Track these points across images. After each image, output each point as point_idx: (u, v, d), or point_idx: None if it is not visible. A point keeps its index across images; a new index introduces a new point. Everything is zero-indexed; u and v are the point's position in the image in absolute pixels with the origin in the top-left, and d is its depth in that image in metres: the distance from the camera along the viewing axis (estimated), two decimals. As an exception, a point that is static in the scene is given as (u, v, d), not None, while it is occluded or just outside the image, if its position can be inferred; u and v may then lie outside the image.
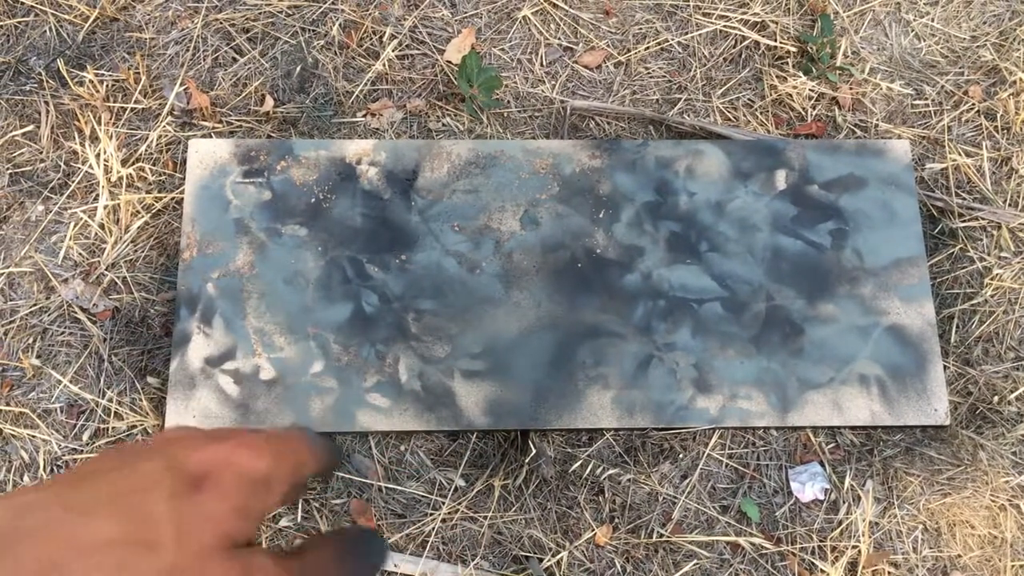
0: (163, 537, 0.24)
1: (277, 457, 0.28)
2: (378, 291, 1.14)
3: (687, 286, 1.15)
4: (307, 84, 1.29)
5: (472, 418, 1.09)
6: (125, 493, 0.24)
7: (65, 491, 0.24)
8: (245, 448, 0.28)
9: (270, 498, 0.28)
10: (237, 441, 0.28)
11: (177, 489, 0.25)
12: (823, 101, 1.30)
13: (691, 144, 1.22)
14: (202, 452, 0.27)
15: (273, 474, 0.28)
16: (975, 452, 1.15)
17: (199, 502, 0.25)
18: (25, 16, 1.32)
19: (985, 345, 1.19)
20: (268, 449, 0.28)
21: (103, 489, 0.25)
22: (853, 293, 1.16)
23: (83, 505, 0.24)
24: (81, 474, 0.25)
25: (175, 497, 0.25)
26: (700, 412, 1.10)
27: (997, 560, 1.11)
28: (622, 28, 1.34)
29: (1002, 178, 1.28)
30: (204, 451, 0.27)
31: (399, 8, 1.34)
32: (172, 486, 0.25)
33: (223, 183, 1.18)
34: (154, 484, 0.25)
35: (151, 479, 0.25)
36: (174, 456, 0.26)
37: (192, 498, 0.25)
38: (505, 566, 1.08)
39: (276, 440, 0.29)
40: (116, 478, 0.25)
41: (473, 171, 1.20)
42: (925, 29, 1.36)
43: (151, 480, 0.25)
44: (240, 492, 0.26)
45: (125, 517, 0.24)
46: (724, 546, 1.10)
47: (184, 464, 0.26)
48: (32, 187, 1.23)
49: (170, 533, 0.24)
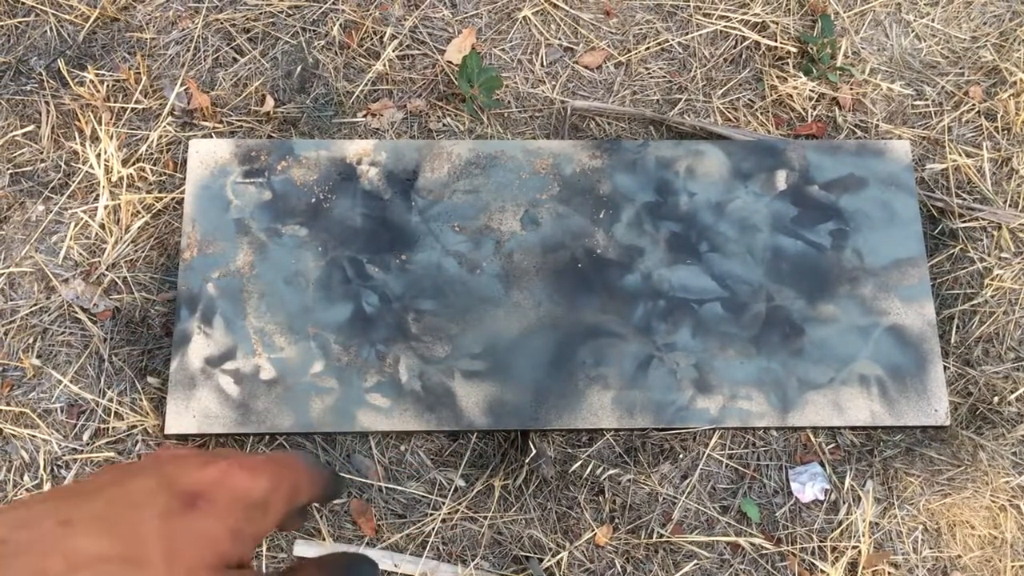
0: (153, 555, 0.24)
1: (274, 480, 0.28)
2: (378, 291, 1.14)
3: (687, 286, 1.15)
4: (308, 84, 1.29)
5: (472, 418, 1.09)
6: (118, 510, 0.25)
7: (60, 505, 0.25)
8: (241, 469, 0.27)
9: (265, 521, 0.28)
10: (233, 461, 0.28)
11: (171, 507, 0.25)
12: (823, 101, 1.30)
13: (691, 144, 1.22)
14: (198, 472, 0.27)
15: (269, 497, 0.28)
16: (975, 452, 1.15)
17: (191, 520, 0.25)
18: (26, 16, 1.32)
19: (985, 346, 1.19)
20: (265, 472, 0.28)
21: (97, 505, 0.25)
22: (853, 293, 1.16)
23: (76, 520, 0.24)
24: (77, 489, 0.26)
25: (168, 515, 0.25)
26: (700, 412, 1.10)
27: (997, 560, 1.11)
28: (622, 28, 1.34)
29: (1002, 179, 1.28)
30: (200, 471, 0.27)
31: (399, 8, 1.34)
32: (166, 504, 0.25)
33: (223, 183, 1.18)
34: (147, 502, 0.25)
35: (145, 496, 0.25)
36: (169, 474, 0.26)
37: (185, 517, 0.25)
38: (505, 566, 1.08)
39: (274, 463, 0.29)
40: (111, 494, 0.25)
41: (473, 171, 1.20)
42: (925, 30, 1.36)
43: (144, 497, 0.25)
44: (233, 513, 0.26)
45: (116, 533, 0.24)
46: (724, 546, 1.10)
47: (178, 482, 0.26)
48: (33, 187, 1.23)
49: (160, 551, 0.24)
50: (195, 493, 0.26)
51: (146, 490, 0.26)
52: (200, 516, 0.26)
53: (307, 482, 0.30)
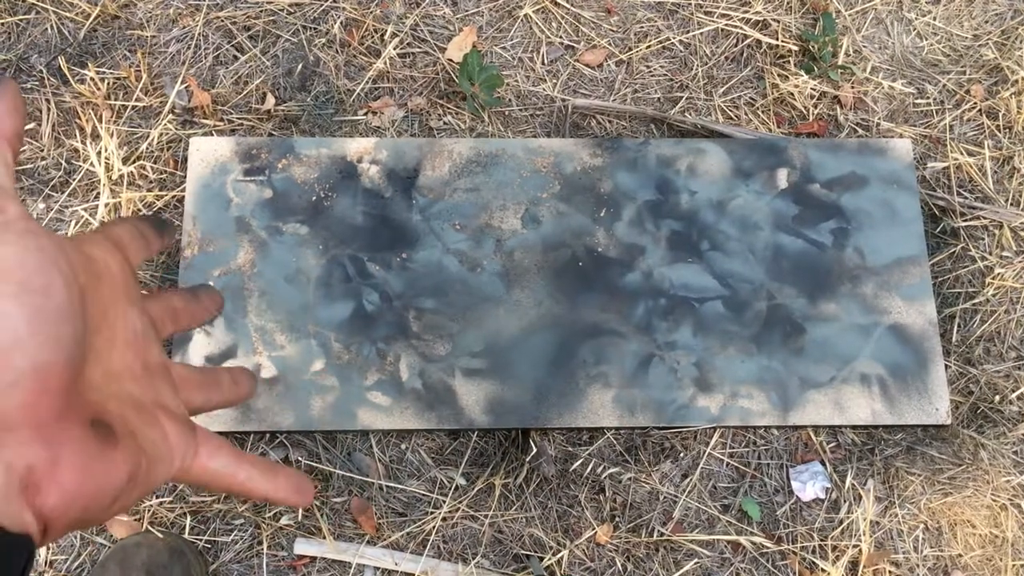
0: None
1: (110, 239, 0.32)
2: (379, 289, 1.14)
3: (688, 285, 1.15)
4: (308, 82, 1.29)
5: (473, 417, 1.09)
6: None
7: None
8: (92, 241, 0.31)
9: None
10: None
11: None
12: (825, 100, 1.30)
13: (692, 143, 1.22)
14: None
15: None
16: (976, 451, 1.15)
17: None
18: (26, 14, 1.32)
19: (986, 344, 1.19)
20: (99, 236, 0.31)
21: None
22: (854, 292, 1.16)
23: None
24: None
25: None
26: (701, 411, 1.10)
27: (998, 560, 1.10)
28: (624, 26, 1.34)
29: (1004, 177, 1.27)
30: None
31: (400, 6, 1.34)
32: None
33: (224, 181, 1.18)
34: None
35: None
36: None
37: None
38: (506, 565, 1.08)
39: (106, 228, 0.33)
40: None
41: (474, 169, 1.20)
42: (927, 28, 1.36)
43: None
44: None
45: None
46: (725, 545, 1.10)
47: None
48: (33, 185, 1.23)
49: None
50: None
51: None
52: None
53: (129, 233, 0.33)
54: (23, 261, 0.23)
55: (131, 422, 0.27)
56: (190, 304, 0.36)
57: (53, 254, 0.24)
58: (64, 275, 0.24)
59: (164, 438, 0.29)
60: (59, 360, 0.23)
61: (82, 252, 0.28)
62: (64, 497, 0.23)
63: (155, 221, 0.35)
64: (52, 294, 0.23)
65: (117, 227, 0.32)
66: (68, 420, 0.24)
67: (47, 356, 0.23)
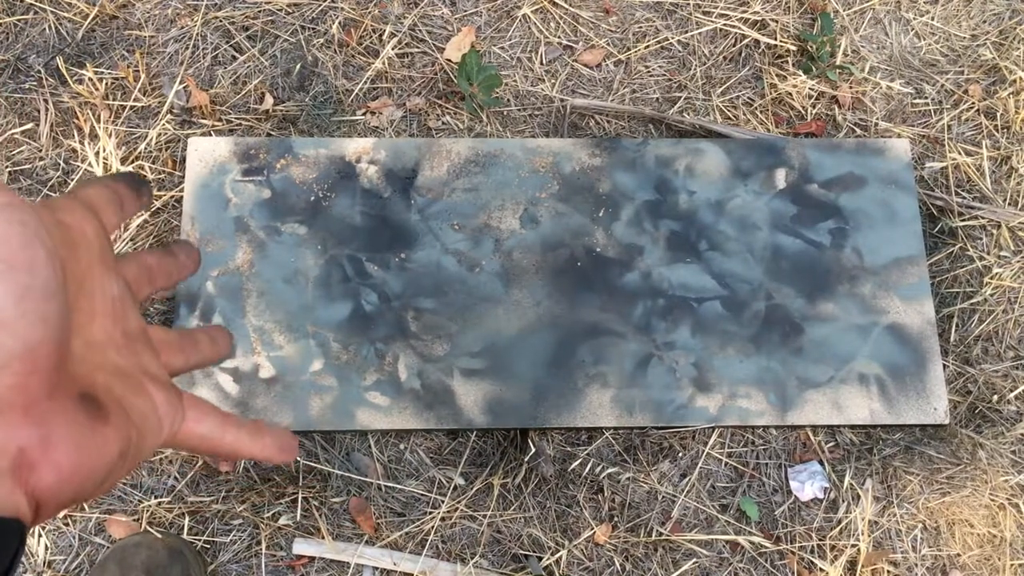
0: None
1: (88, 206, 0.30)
2: (377, 290, 1.14)
3: (687, 285, 1.15)
4: (307, 82, 1.29)
5: (472, 417, 1.09)
6: None
7: None
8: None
9: None
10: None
11: None
12: (823, 100, 1.30)
13: (691, 143, 1.22)
14: None
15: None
16: (974, 451, 1.15)
17: None
18: (24, 14, 1.32)
19: (984, 344, 1.19)
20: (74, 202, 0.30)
21: None
22: (853, 292, 1.16)
23: None
24: None
25: None
26: (699, 411, 1.10)
27: (996, 559, 1.11)
28: (622, 26, 1.34)
29: (1002, 177, 1.28)
30: None
31: (399, 6, 1.34)
32: None
33: (222, 181, 1.18)
34: None
35: None
36: None
37: None
38: (504, 565, 1.08)
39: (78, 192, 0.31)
40: None
41: (473, 169, 1.20)
42: (925, 28, 1.36)
43: None
44: None
45: None
46: (723, 545, 1.10)
47: None
48: (31, 185, 1.23)
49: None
50: None
51: None
52: None
53: (104, 196, 0.31)
54: (6, 237, 0.22)
55: (118, 393, 0.27)
56: (164, 261, 0.35)
57: (35, 227, 0.23)
58: (47, 249, 0.23)
59: (152, 407, 0.28)
60: (47, 338, 0.23)
61: (57, 220, 0.27)
62: (59, 476, 0.23)
63: (130, 180, 0.33)
64: (37, 271, 0.23)
65: (91, 189, 0.31)
66: (58, 398, 0.23)
67: (36, 335, 0.22)
